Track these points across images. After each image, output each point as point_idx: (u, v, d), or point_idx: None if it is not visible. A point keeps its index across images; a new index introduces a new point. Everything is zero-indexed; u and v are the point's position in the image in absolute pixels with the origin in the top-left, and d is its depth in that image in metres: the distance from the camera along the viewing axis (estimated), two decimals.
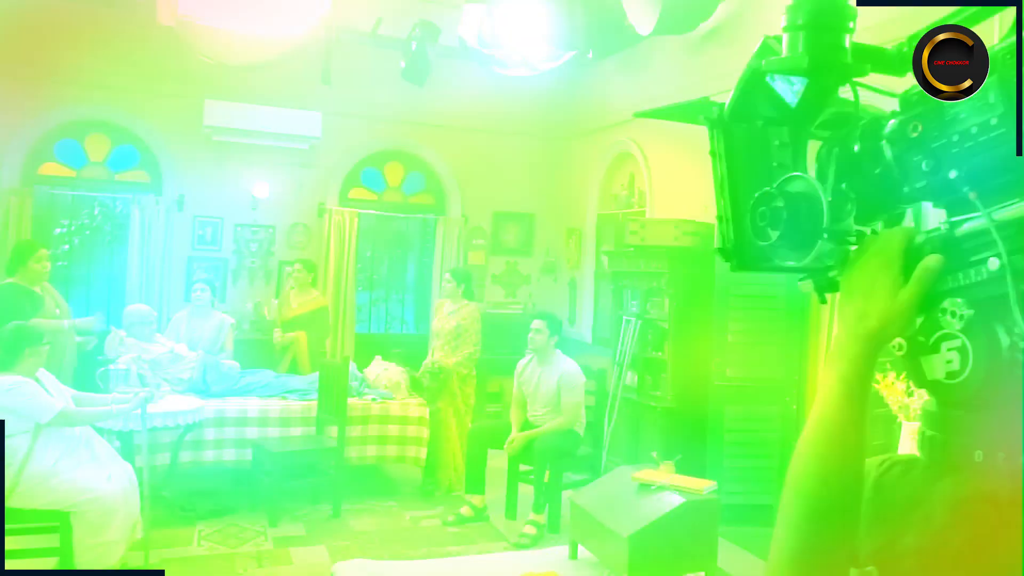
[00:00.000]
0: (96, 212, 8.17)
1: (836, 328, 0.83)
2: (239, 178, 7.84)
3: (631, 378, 6.17)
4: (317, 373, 5.89)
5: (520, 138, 8.86)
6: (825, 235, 0.82)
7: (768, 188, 0.86)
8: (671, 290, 5.78)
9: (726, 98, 0.95)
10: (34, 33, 7.10)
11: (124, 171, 7.69)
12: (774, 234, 0.84)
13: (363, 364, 6.52)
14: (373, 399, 5.89)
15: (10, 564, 4.05)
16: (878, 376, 4.06)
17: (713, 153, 0.95)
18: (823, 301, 0.92)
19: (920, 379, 0.81)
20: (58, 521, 3.91)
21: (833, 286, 0.87)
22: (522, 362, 5.69)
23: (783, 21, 0.88)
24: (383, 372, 6.26)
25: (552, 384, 5.38)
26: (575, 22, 6.49)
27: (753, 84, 0.89)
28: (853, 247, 0.84)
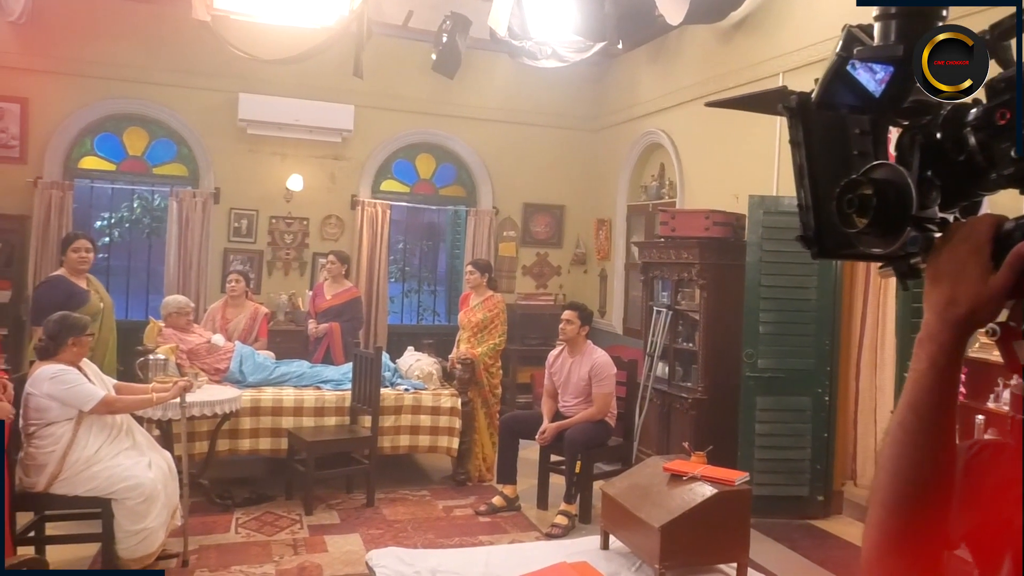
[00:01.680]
0: (135, 205, 8.32)
1: (924, 313, 0.84)
2: (273, 171, 7.95)
3: (662, 369, 6.17)
4: (351, 363, 5.94)
5: (550, 129, 8.87)
6: (914, 222, 0.83)
7: (855, 176, 0.87)
8: (702, 281, 5.76)
9: (802, 87, 0.96)
10: (74, 30, 7.26)
11: (162, 164, 7.83)
12: (862, 222, 0.85)
13: (396, 355, 6.59)
14: (406, 389, 5.92)
15: (53, 550, 4.17)
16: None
17: (793, 142, 0.95)
18: (905, 288, 0.93)
19: (1014, 364, 0.82)
20: (100, 508, 3.97)
21: (915, 273, 0.88)
22: (553, 353, 5.70)
23: (875, 10, 0.89)
24: (415, 363, 6.29)
25: (583, 375, 5.38)
26: (604, 12, 6.48)
27: (838, 73, 0.89)
28: (938, 234, 0.84)
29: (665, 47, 7.61)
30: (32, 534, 4.14)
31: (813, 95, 0.92)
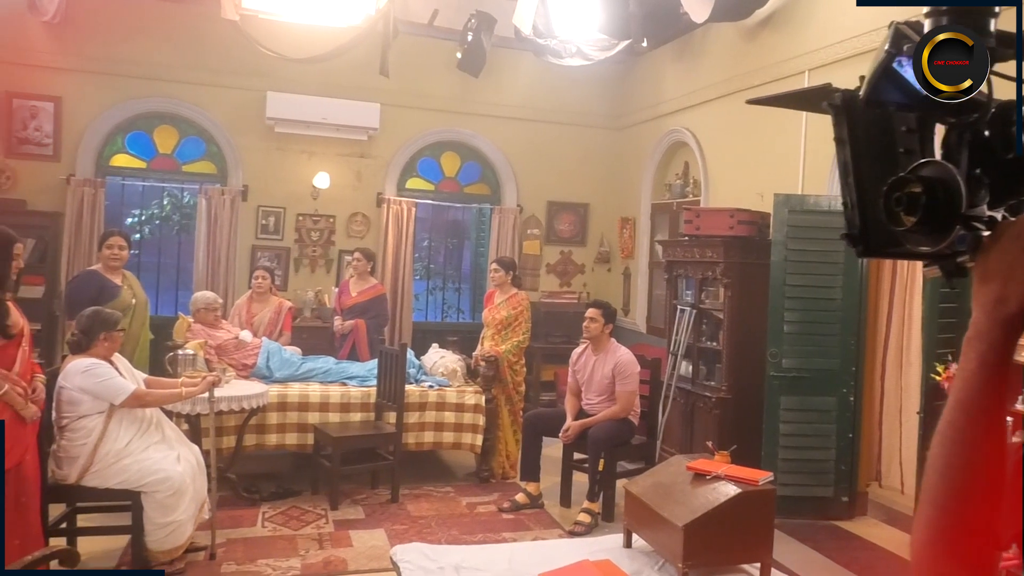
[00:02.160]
0: (165, 202, 8.43)
1: (973, 312, 0.84)
2: (301, 169, 8.03)
3: (685, 368, 6.16)
4: (376, 360, 5.99)
5: (575, 128, 8.88)
6: (963, 221, 0.82)
7: (903, 174, 0.86)
8: (726, 279, 5.74)
9: (844, 85, 0.96)
10: (105, 30, 7.38)
11: (191, 162, 7.93)
12: (910, 220, 0.84)
13: (420, 352, 6.63)
14: (430, 386, 5.96)
15: (84, 542, 4.24)
16: (941, 368, 4.01)
17: (837, 140, 0.95)
18: (952, 287, 0.93)
19: None
20: (130, 500, 4.03)
21: (962, 272, 0.88)
22: (577, 351, 5.71)
23: (925, 7, 0.88)
24: (440, 360, 6.32)
25: (607, 373, 5.39)
26: (629, 11, 6.48)
27: (886, 70, 0.88)
28: (986, 233, 0.84)
29: (690, 45, 7.59)
30: (64, 525, 4.21)
31: (859, 92, 0.91)
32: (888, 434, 5.48)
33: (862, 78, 0.90)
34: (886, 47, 0.88)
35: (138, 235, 8.02)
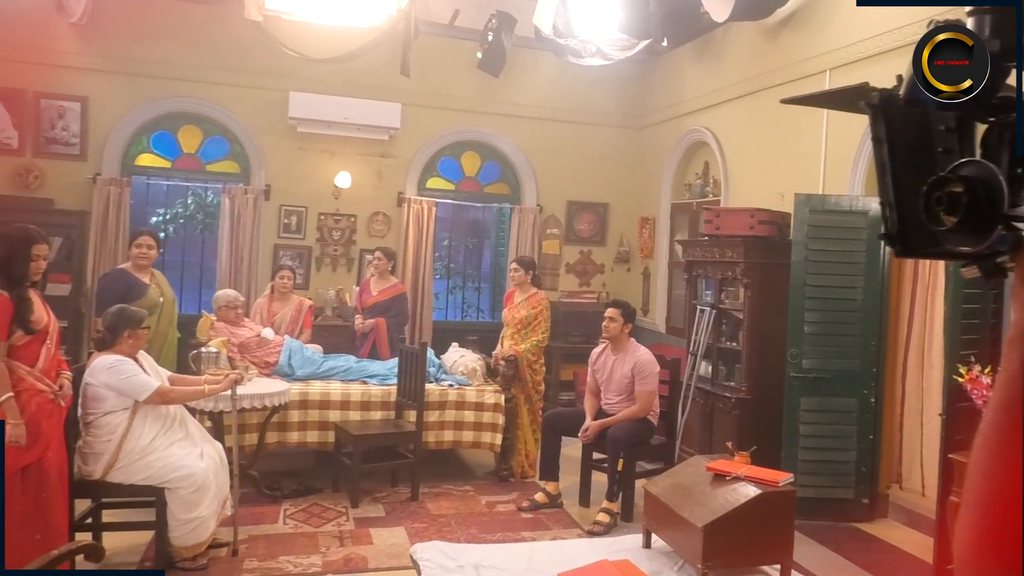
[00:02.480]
0: (189, 201, 8.53)
1: (1014, 312, 0.82)
2: (322, 168, 8.09)
3: (705, 368, 6.15)
4: (396, 359, 6.02)
5: (594, 127, 8.88)
6: (1004, 221, 0.81)
7: (943, 173, 0.85)
8: (746, 279, 5.73)
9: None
10: (131, 31, 7.47)
11: (215, 162, 8.01)
12: (951, 220, 0.83)
13: (440, 351, 6.66)
14: (450, 385, 5.98)
15: (109, 537, 4.30)
16: (963, 370, 3.99)
17: (875, 139, 0.94)
18: (991, 288, 0.92)
19: None
20: (154, 496, 4.08)
21: (1001, 272, 0.86)
22: (596, 350, 5.71)
23: (968, 8, 0.87)
24: (460, 359, 6.35)
25: (626, 372, 5.39)
26: (649, 10, 6.48)
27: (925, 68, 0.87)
28: None
29: (710, 44, 7.57)
30: (89, 521, 4.26)
31: (897, 91, 0.90)
32: (909, 436, 5.45)
33: (899, 77, 0.90)
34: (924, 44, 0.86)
35: (163, 234, 8.10)
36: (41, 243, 3.73)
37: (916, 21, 4.74)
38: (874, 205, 5.26)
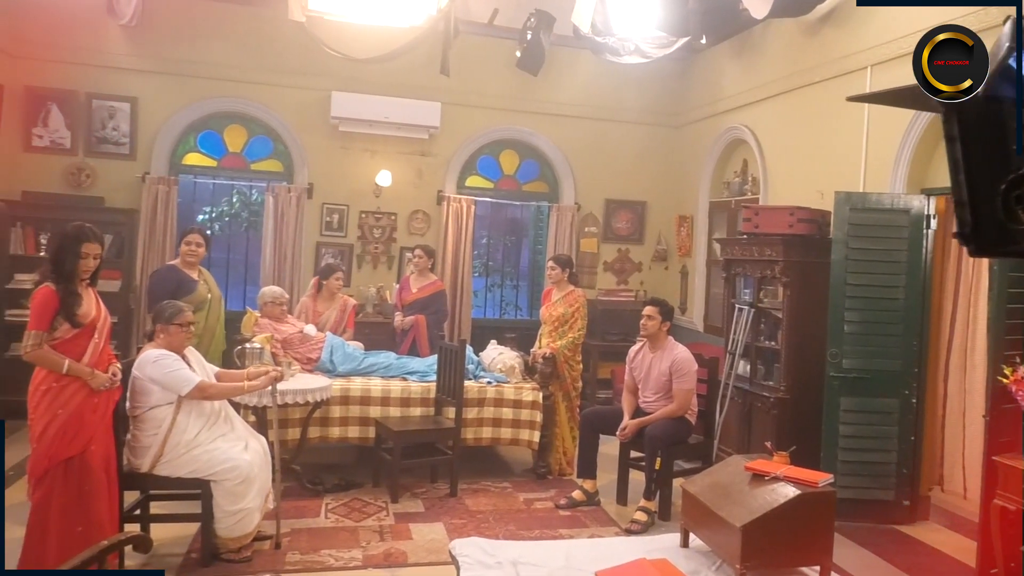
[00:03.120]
0: (234, 199, 8.68)
1: None
2: (364, 167, 8.19)
3: (743, 367, 6.13)
4: (436, 356, 6.08)
5: (632, 125, 8.88)
6: None
7: (1022, 171, 0.85)
8: (785, 278, 5.69)
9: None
10: (179, 32, 7.64)
11: (259, 160, 8.15)
12: None
13: (479, 348, 6.71)
14: (488, 382, 6.03)
15: (156, 528, 4.41)
16: (1008, 371, 3.94)
17: (947, 137, 0.94)
18: None
19: None
20: (200, 489, 4.17)
21: None
22: (634, 348, 5.72)
23: None
24: (498, 356, 6.39)
25: (664, 370, 5.38)
26: (688, 7, 6.46)
27: (1004, 66, 0.86)
28: None
29: (749, 42, 7.52)
30: (138, 512, 4.36)
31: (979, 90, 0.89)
32: (951, 438, 5.39)
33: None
34: (1006, 44, 0.87)
35: (208, 231, 8.24)
36: (92, 241, 3.80)
37: (960, 16, 4.67)
38: (916, 203, 5.21)
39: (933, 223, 5.24)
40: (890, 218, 5.22)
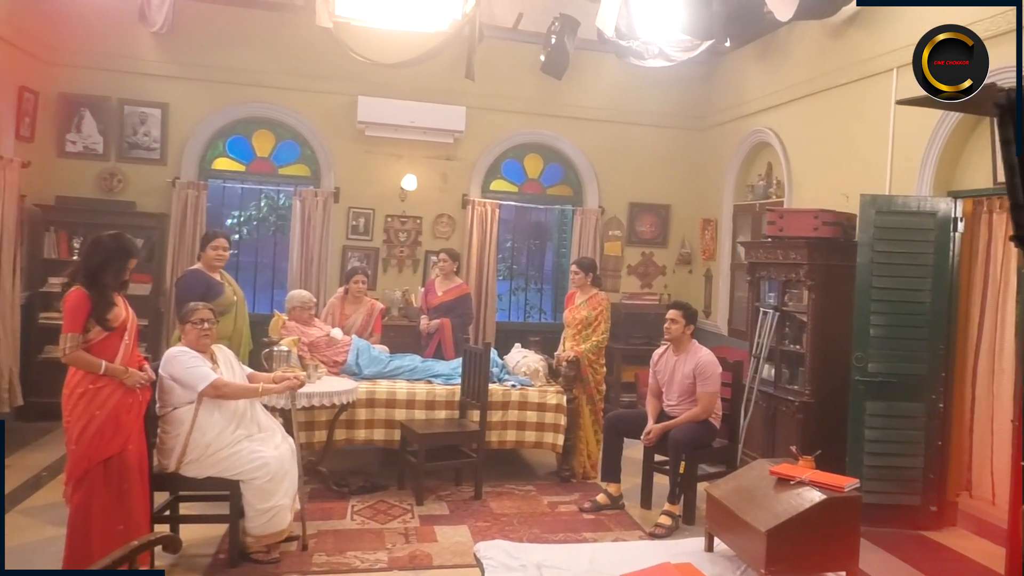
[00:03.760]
0: (262, 203, 8.79)
1: None
2: (389, 171, 8.27)
3: (768, 371, 6.11)
4: (460, 359, 6.12)
5: (656, 129, 8.89)
6: None
7: None
8: (810, 282, 5.67)
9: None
10: (209, 39, 7.76)
11: (287, 165, 8.25)
12: None
13: (503, 351, 6.72)
14: (513, 386, 6.05)
15: (186, 529, 4.45)
16: None
17: (1003, 140, 0.93)
18: None
19: None
20: (228, 490, 4.20)
21: None
22: (658, 352, 5.71)
23: None
24: (522, 359, 6.40)
25: (687, 373, 5.37)
26: (712, 11, 6.45)
27: None
28: None
29: (774, 44, 7.50)
30: (168, 513, 4.42)
31: None
32: (979, 442, 5.33)
33: None
34: None
35: (237, 235, 8.35)
36: (136, 256, 3.93)
37: (986, 18, 4.64)
38: (943, 205, 5.18)
39: (960, 226, 5.20)
40: (916, 221, 5.19)
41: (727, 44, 7.32)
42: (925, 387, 5.18)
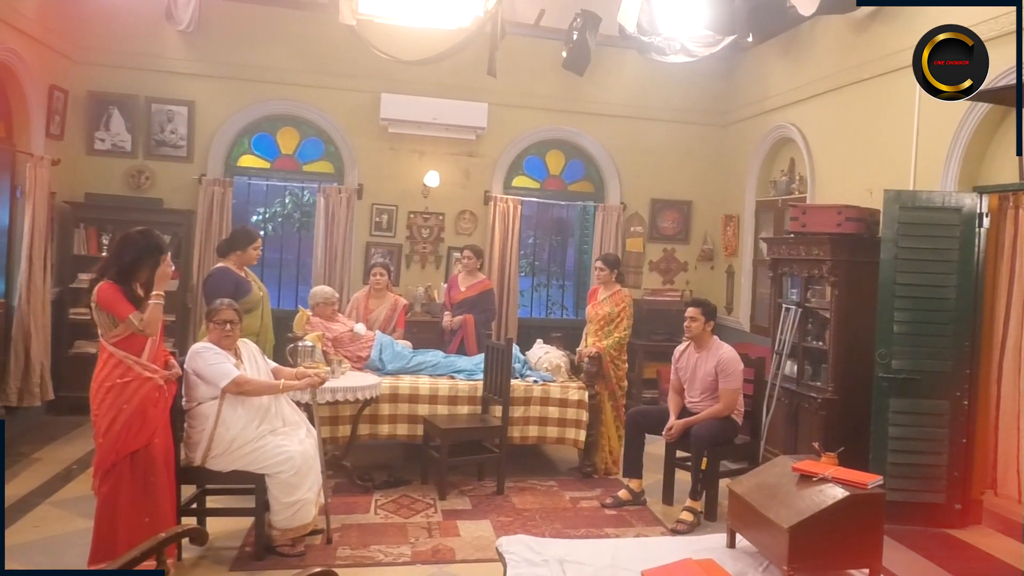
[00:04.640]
0: (287, 200, 8.86)
1: None
2: (412, 168, 8.32)
3: (790, 367, 6.09)
4: (483, 354, 6.14)
5: (678, 125, 8.87)
6: None
7: None
8: (833, 278, 5.64)
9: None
10: (234, 37, 7.84)
11: (311, 162, 8.32)
12: None
13: (525, 347, 6.76)
14: (535, 381, 6.07)
15: (213, 522, 4.51)
16: None
17: None
18: None
19: None
20: (253, 484, 4.26)
21: None
22: (679, 348, 5.72)
23: None
24: (544, 355, 6.43)
25: (709, 370, 5.38)
26: (735, 6, 6.43)
27: None
28: None
29: (796, 39, 7.46)
30: (194, 506, 4.49)
31: None
32: (1005, 441, 5.29)
33: None
34: None
35: (262, 232, 8.44)
36: (166, 253, 4.00)
37: (1006, 13, 4.60)
38: (968, 201, 5.14)
39: (986, 222, 5.16)
40: (941, 216, 5.16)
41: (749, 39, 7.30)
42: (950, 384, 5.15)
